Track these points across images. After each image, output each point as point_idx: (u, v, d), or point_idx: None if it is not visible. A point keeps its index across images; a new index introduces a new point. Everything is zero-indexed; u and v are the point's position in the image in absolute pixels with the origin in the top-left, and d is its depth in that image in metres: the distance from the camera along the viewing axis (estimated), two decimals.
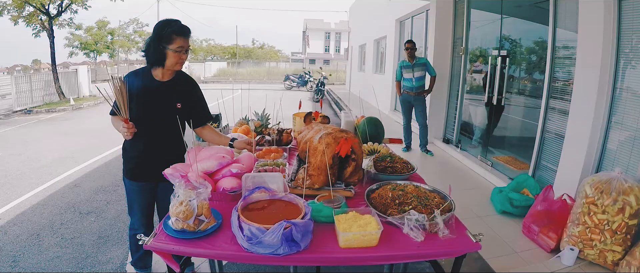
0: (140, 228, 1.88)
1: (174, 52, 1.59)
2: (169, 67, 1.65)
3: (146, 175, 1.78)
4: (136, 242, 1.87)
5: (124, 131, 1.59)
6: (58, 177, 4.24)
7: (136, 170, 1.79)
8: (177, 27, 1.59)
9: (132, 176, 1.81)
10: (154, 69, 1.67)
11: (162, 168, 1.50)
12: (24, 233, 2.87)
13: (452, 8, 5.10)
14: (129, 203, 1.88)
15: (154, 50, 1.60)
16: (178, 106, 1.73)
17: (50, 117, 9.22)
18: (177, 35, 1.58)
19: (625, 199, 2.00)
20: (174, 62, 1.63)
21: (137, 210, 1.86)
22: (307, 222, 1.14)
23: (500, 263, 2.28)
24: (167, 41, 1.58)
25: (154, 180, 1.81)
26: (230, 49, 38.20)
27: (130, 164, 1.79)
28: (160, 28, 1.58)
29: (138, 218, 1.88)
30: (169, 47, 1.58)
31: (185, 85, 1.79)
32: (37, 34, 11.70)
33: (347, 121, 2.46)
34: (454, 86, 5.19)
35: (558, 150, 2.98)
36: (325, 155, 1.46)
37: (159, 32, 1.58)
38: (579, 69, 2.70)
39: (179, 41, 1.59)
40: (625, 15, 2.41)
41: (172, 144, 1.80)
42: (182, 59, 1.64)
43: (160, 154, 1.75)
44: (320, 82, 12.77)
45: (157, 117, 1.70)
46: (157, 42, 1.58)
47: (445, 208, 1.32)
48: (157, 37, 1.58)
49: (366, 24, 11.69)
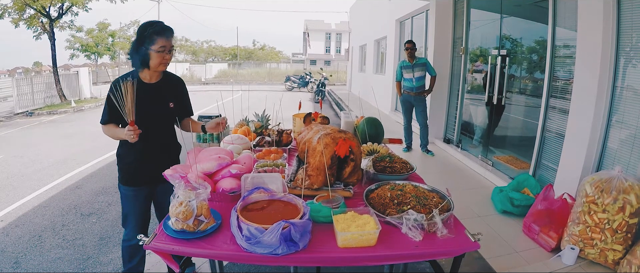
0: (134, 238, 1.81)
1: (156, 52, 1.60)
2: (154, 68, 1.65)
3: (145, 178, 1.77)
4: (129, 253, 1.87)
5: (130, 134, 1.57)
6: (59, 179, 4.26)
7: (135, 175, 1.77)
8: (159, 27, 1.60)
9: (130, 182, 1.78)
10: (141, 72, 1.68)
11: (160, 169, 1.50)
12: (25, 235, 2.88)
13: (452, 8, 5.10)
14: (124, 213, 1.84)
15: (137, 52, 1.61)
16: (171, 105, 1.75)
17: (51, 119, 9.26)
18: (158, 35, 1.58)
19: (625, 198, 2.00)
20: (158, 62, 1.63)
21: (133, 219, 1.83)
22: (305, 222, 1.15)
23: (501, 262, 2.28)
24: (149, 42, 1.59)
25: (152, 183, 1.80)
26: (231, 50, 38.29)
27: (128, 170, 1.78)
28: (142, 30, 1.60)
29: (133, 227, 1.83)
30: (151, 48, 1.59)
31: (174, 84, 1.81)
32: (38, 36, 11.76)
33: (347, 121, 2.46)
34: (454, 86, 5.18)
35: (558, 149, 2.97)
36: (323, 155, 1.46)
37: (141, 34, 1.59)
38: (579, 67, 2.70)
39: (160, 41, 1.59)
40: (624, 13, 2.40)
41: (168, 144, 1.82)
42: (165, 59, 1.65)
43: (158, 156, 1.76)
44: (321, 83, 12.77)
45: (152, 119, 1.70)
46: (140, 44, 1.60)
47: (443, 208, 1.33)
48: (140, 39, 1.60)
49: (366, 25, 11.70)
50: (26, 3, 10.56)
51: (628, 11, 2.38)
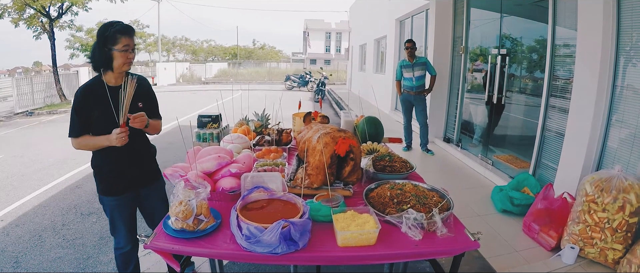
0: (126, 245, 1.81)
1: (120, 52, 1.56)
2: (118, 68, 1.61)
3: (126, 185, 1.73)
4: (123, 260, 1.84)
5: (121, 137, 1.54)
6: (59, 178, 4.26)
7: (116, 183, 1.72)
8: (121, 26, 1.57)
9: (112, 192, 1.73)
10: (104, 75, 1.63)
11: (140, 173, 1.47)
12: (26, 234, 2.88)
13: (452, 7, 5.09)
14: (112, 222, 1.79)
15: (100, 53, 1.57)
16: (140, 105, 1.70)
17: (51, 119, 9.26)
18: (121, 34, 1.55)
19: (625, 197, 2.00)
20: (122, 62, 1.59)
21: (122, 226, 1.78)
22: (305, 221, 1.15)
23: (501, 262, 2.28)
24: (112, 42, 1.55)
25: (134, 188, 1.77)
26: (231, 49, 38.30)
27: (107, 180, 1.72)
28: (104, 30, 1.56)
29: (123, 234, 1.80)
30: (114, 47, 1.55)
31: (140, 83, 1.73)
32: (38, 36, 11.76)
33: (347, 120, 2.46)
34: (454, 85, 5.18)
35: (558, 148, 2.97)
36: (323, 155, 1.46)
37: (102, 34, 1.55)
38: (579, 67, 2.70)
39: (124, 39, 1.56)
40: (624, 12, 2.40)
41: (142, 146, 1.77)
42: (129, 59, 1.61)
43: (135, 160, 1.72)
44: (321, 82, 12.77)
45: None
46: (103, 45, 1.55)
47: (443, 207, 1.33)
48: (102, 40, 1.55)
49: (366, 24, 11.69)
50: (26, 3, 10.56)
51: (628, 10, 2.38)
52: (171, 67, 22.96)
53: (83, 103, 1.59)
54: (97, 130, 1.61)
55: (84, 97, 1.59)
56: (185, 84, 22.14)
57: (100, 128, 1.60)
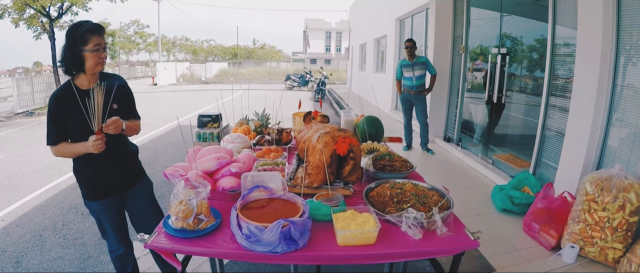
0: (120, 247, 1.79)
1: (91, 52, 1.51)
2: (90, 69, 1.55)
3: (109, 189, 1.70)
4: (120, 263, 1.83)
5: (98, 144, 1.49)
6: (60, 178, 4.26)
7: (98, 187, 1.69)
8: (89, 26, 1.52)
9: (96, 196, 1.70)
10: (76, 78, 1.58)
11: (122, 176, 1.43)
12: (26, 234, 2.89)
13: (452, 6, 5.09)
14: (100, 226, 1.77)
15: (71, 55, 1.51)
16: (115, 106, 1.63)
17: None
18: (90, 34, 1.50)
19: (625, 196, 2.00)
20: (94, 63, 1.54)
21: (111, 230, 1.76)
22: (305, 220, 1.15)
23: (501, 261, 2.28)
24: (82, 42, 1.50)
25: (118, 192, 1.74)
26: (231, 49, 38.33)
27: (88, 184, 1.69)
28: (72, 31, 1.51)
29: (114, 237, 1.77)
30: (85, 48, 1.50)
31: (114, 83, 1.66)
32: (38, 36, 11.74)
33: (347, 120, 2.46)
34: (454, 85, 5.18)
35: (558, 148, 2.97)
36: (323, 154, 1.46)
37: (71, 36, 1.50)
38: (579, 66, 2.69)
39: (94, 39, 1.51)
40: (624, 11, 2.40)
41: (121, 148, 1.72)
42: (101, 58, 1.56)
43: (116, 163, 1.69)
44: (321, 81, 12.76)
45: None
46: (73, 47, 1.50)
47: (443, 206, 1.33)
48: (71, 42, 1.50)
49: (366, 23, 11.69)
50: (26, 3, 10.55)
51: (628, 9, 2.38)
52: (171, 67, 22.97)
53: (57, 110, 1.54)
54: (74, 137, 1.57)
55: (57, 105, 1.54)
56: (186, 83, 22.14)
57: (77, 135, 1.56)
